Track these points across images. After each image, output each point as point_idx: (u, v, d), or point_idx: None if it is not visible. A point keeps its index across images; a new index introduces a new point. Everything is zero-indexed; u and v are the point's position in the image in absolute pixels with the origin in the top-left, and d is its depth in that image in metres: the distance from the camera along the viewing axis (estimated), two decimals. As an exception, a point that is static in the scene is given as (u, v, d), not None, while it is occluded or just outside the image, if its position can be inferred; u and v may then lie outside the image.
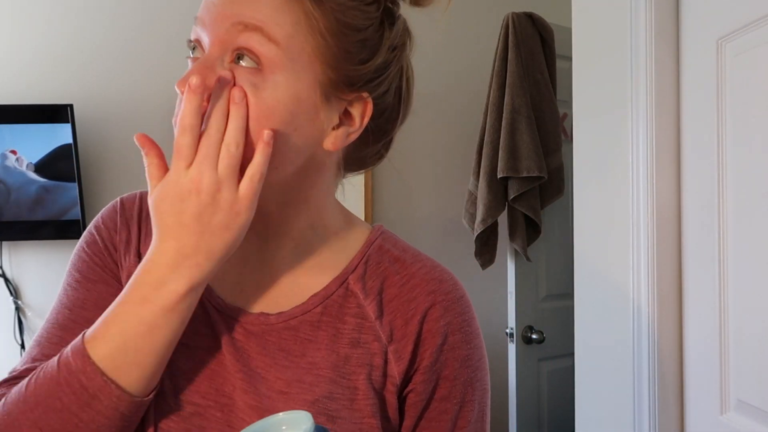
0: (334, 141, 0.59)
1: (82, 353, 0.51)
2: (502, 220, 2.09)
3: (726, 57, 1.14)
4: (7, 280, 2.02)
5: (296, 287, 0.62)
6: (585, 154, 1.49)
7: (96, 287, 0.63)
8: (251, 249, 0.63)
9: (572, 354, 1.54)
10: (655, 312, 1.26)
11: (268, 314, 0.61)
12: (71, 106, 1.92)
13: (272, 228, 0.62)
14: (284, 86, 0.53)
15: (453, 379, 0.62)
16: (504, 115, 1.99)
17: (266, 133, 0.52)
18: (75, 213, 1.96)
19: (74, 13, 2.08)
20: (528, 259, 2.08)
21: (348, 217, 0.68)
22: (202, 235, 0.51)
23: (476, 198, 2.09)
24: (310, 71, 0.55)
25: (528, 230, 2.08)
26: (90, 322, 0.59)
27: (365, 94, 0.59)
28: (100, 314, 0.59)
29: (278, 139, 0.54)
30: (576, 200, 1.52)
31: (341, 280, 0.62)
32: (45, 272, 2.06)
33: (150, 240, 0.62)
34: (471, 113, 2.31)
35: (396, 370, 0.60)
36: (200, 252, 0.51)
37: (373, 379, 0.59)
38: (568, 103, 1.79)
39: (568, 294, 1.69)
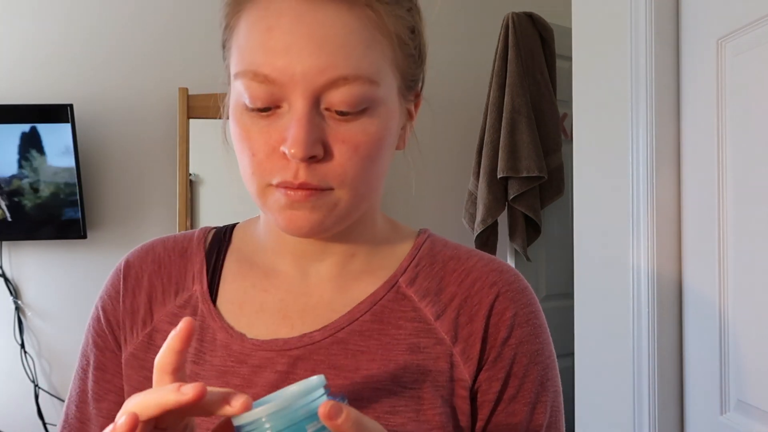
0: (403, 140, 0.59)
1: None
2: (502, 220, 2.09)
3: (726, 57, 1.14)
4: (7, 280, 2.02)
5: (344, 298, 0.58)
6: (585, 154, 1.49)
7: (104, 375, 0.60)
8: (298, 269, 0.59)
9: (572, 354, 1.54)
10: (655, 312, 1.26)
11: (311, 332, 0.56)
12: (71, 106, 1.92)
13: (333, 245, 0.58)
14: (385, 112, 0.52)
15: (522, 376, 0.57)
16: (504, 115, 1.99)
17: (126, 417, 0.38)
18: (75, 213, 1.96)
19: (74, 13, 2.07)
20: (528, 259, 2.08)
21: (392, 222, 0.65)
22: None
23: (476, 198, 2.09)
24: (395, 84, 0.53)
25: (528, 230, 2.08)
26: (102, 411, 0.59)
27: (419, 89, 0.59)
28: (112, 400, 0.59)
29: (382, 161, 0.53)
30: (576, 200, 1.52)
31: (390, 285, 0.58)
32: (45, 272, 2.05)
33: (168, 300, 0.59)
34: (471, 113, 2.31)
35: (466, 372, 0.55)
36: None
37: (439, 385, 0.54)
38: (568, 103, 1.79)
39: (568, 294, 1.69)
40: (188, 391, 0.37)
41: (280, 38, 0.47)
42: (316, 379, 0.42)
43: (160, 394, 0.38)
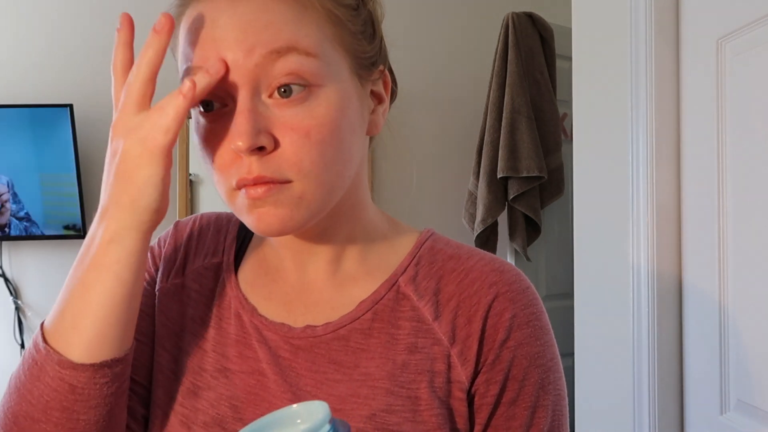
0: (375, 125, 0.57)
1: (40, 328, 0.51)
2: (502, 220, 2.09)
3: (726, 57, 1.14)
4: (7, 280, 2.02)
5: (344, 296, 0.58)
6: (585, 154, 1.49)
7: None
8: (297, 266, 0.60)
9: (572, 354, 1.54)
10: (655, 312, 1.26)
11: (314, 326, 0.57)
12: (71, 106, 1.92)
13: (322, 242, 0.58)
14: (334, 93, 0.50)
15: (522, 379, 0.55)
16: (504, 115, 1.99)
17: (185, 86, 0.47)
18: (75, 213, 1.96)
19: (74, 13, 2.08)
20: (528, 258, 2.08)
21: (392, 221, 0.65)
22: (112, 186, 0.49)
23: (476, 198, 2.09)
24: (344, 64, 0.52)
25: (528, 230, 2.08)
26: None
27: (381, 67, 0.57)
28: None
29: (344, 146, 0.51)
30: (576, 200, 1.52)
31: (391, 284, 0.58)
32: (45, 272, 2.06)
33: (198, 260, 0.64)
34: (471, 113, 2.31)
35: (463, 375, 0.54)
36: (114, 204, 0.49)
37: (436, 386, 0.54)
38: (568, 103, 1.79)
39: (568, 294, 1.69)
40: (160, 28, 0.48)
41: (208, 33, 0.48)
42: (322, 414, 0.41)
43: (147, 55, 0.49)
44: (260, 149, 0.48)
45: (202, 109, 0.50)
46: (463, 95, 2.38)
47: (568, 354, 1.64)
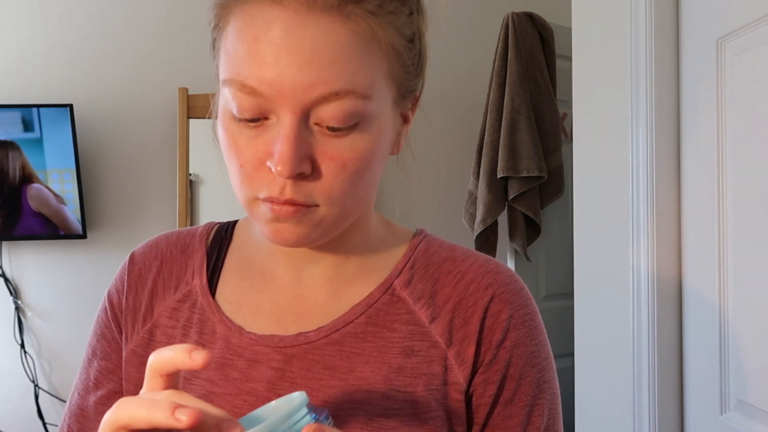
0: (398, 145, 0.57)
1: None
2: (502, 220, 2.09)
3: (726, 57, 1.14)
4: (7, 280, 2.02)
5: (338, 301, 0.58)
6: (585, 154, 1.49)
7: (107, 365, 0.61)
8: (294, 272, 0.59)
9: (572, 354, 1.54)
10: (655, 312, 1.26)
11: (306, 332, 0.56)
12: (71, 106, 1.92)
13: (325, 250, 0.58)
14: (376, 127, 0.50)
15: (518, 379, 0.56)
16: (504, 114, 1.99)
17: (185, 412, 0.36)
18: (75, 213, 1.96)
19: (74, 13, 2.08)
20: (528, 259, 2.08)
21: (387, 222, 0.64)
22: None
23: (476, 198, 2.09)
24: (390, 97, 0.51)
25: (528, 230, 2.08)
26: (102, 400, 0.59)
27: (417, 94, 0.57)
28: (111, 389, 0.59)
29: (373, 174, 0.52)
30: (576, 200, 1.52)
31: (386, 287, 0.58)
32: (45, 272, 2.05)
33: (167, 295, 0.60)
34: (471, 113, 2.31)
35: (461, 376, 0.55)
36: None
37: (433, 389, 0.54)
38: (568, 103, 1.79)
39: (568, 294, 1.69)
40: (182, 418, 0.35)
41: (269, 50, 0.45)
42: (298, 399, 0.41)
43: (153, 412, 0.36)
44: (298, 175, 0.47)
45: (239, 117, 0.48)
46: (463, 95, 2.38)
47: (568, 354, 1.64)
